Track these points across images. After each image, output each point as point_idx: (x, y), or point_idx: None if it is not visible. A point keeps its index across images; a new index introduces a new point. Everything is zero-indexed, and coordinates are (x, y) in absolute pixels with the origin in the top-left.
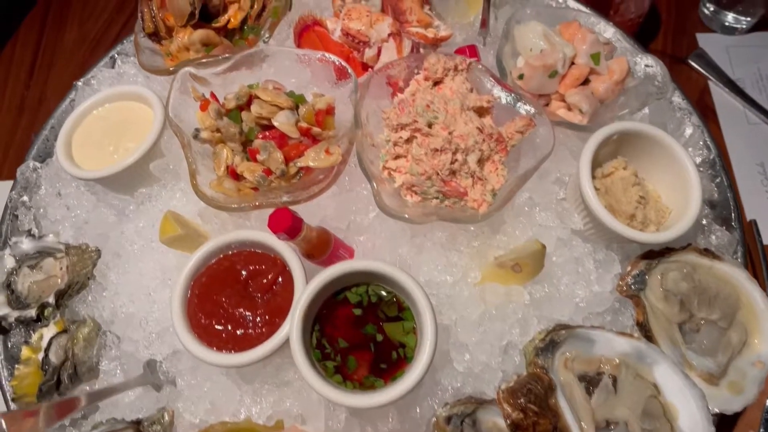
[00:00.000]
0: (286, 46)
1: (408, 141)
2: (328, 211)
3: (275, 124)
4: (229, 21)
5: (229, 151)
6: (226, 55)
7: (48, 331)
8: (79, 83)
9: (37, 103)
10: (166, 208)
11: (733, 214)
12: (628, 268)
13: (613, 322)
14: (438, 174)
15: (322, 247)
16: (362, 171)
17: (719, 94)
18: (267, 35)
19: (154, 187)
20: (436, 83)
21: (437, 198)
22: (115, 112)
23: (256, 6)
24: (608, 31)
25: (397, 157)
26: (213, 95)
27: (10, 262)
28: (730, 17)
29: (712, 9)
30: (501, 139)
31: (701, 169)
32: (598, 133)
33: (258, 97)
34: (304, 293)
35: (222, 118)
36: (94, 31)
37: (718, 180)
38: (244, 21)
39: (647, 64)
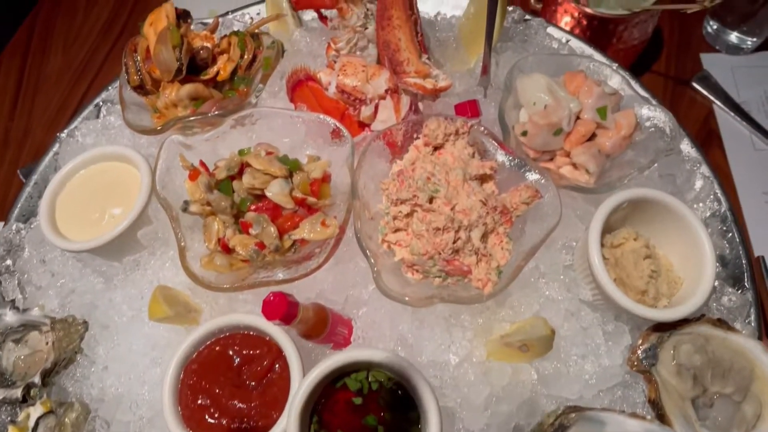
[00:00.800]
0: (279, 98)
1: (408, 215)
2: (325, 285)
3: (268, 195)
4: (218, 73)
5: (220, 223)
6: (216, 112)
7: (35, 411)
8: (63, 135)
9: (23, 135)
10: (155, 279)
11: (745, 274)
12: (639, 341)
13: (624, 398)
14: (440, 254)
15: (320, 327)
16: (360, 248)
17: (724, 118)
18: (260, 87)
19: (143, 253)
20: (437, 148)
21: (439, 277)
22: (100, 174)
23: (246, 56)
24: (614, 78)
25: (397, 230)
26: (202, 164)
27: None
28: (734, 37)
29: (716, 27)
30: (506, 211)
31: (710, 223)
32: (607, 203)
33: (250, 165)
34: (300, 388)
35: (212, 192)
36: (79, 58)
37: (729, 235)
38: (234, 72)
39: (655, 116)
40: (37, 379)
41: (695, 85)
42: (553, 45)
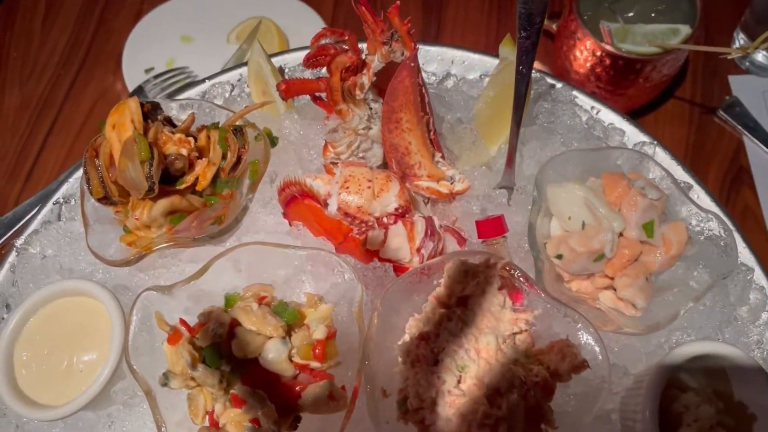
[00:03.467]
0: (270, 207)
1: (433, 395)
2: None
3: (263, 363)
4: (197, 180)
5: (207, 396)
6: (195, 237)
7: None
8: (19, 243)
9: None
10: None
11: None
12: None
13: None
14: None
15: None
16: None
17: (755, 151)
18: (249, 198)
19: (119, 407)
20: (461, 298)
21: None
22: (63, 314)
23: (230, 157)
24: (654, 171)
25: (419, 409)
26: (183, 322)
27: None
28: (764, 57)
29: (743, 44)
30: (548, 381)
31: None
32: (665, 363)
33: (239, 323)
34: None
35: (197, 368)
36: (38, 93)
37: None
38: (216, 176)
39: (708, 225)
40: None
41: (723, 114)
42: (583, 120)
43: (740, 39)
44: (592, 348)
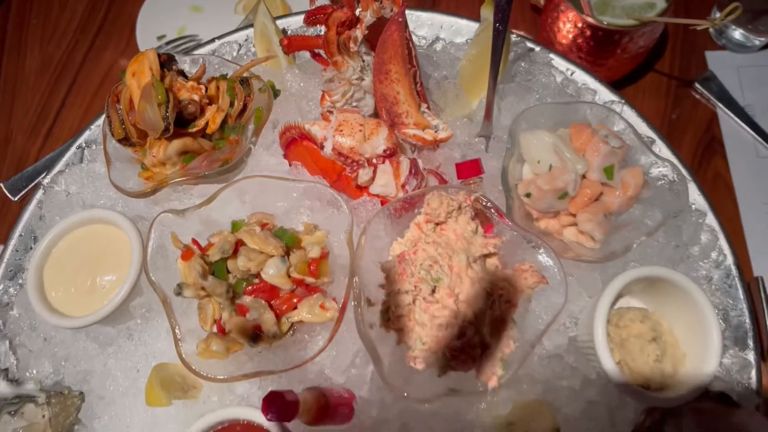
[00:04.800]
0: (272, 151)
1: (410, 302)
2: (325, 365)
3: (264, 277)
4: (207, 124)
5: (215, 305)
6: (206, 172)
7: None
8: (45, 182)
9: (3, 144)
10: (149, 352)
11: (748, 334)
12: (642, 418)
13: None
14: (444, 349)
15: (321, 416)
16: (362, 340)
17: (728, 122)
18: (253, 140)
19: (136, 321)
20: (438, 224)
21: (443, 368)
22: (87, 239)
23: (236, 104)
24: (619, 124)
25: (400, 316)
26: (195, 242)
27: None
28: (740, 34)
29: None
30: (511, 295)
31: (714, 275)
32: (615, 284)
33: (244, 243)
34: None
35: (207, 278)
36: (57, 56)
37: (733, 291)
38: (224, 121)
39: (663, 171)
40: None
41: (699, 86)
42: (558, 80)
43: (716, 15)
44: (551, 268)
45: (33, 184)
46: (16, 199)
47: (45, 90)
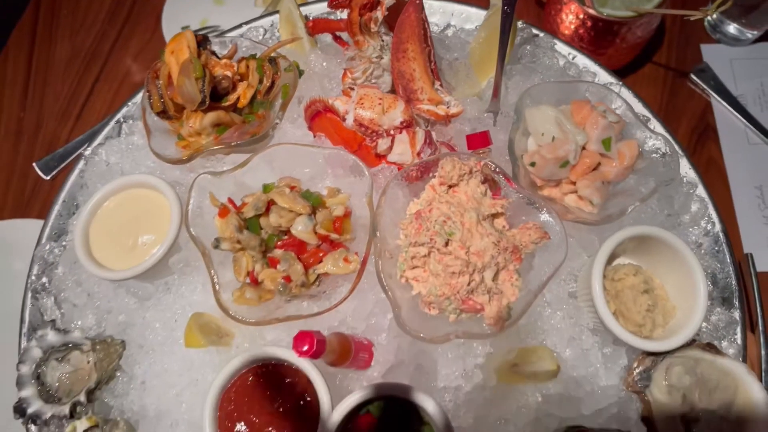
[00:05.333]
0: (298, 125)
1: (426, 255)
2: (347, 313)
3: (293, 233)
4: (238, 99)
5: (249, 258)
6: (238, 142)
7: (81, 425)
8: (87, 152)
9: (35, 127)
10: (186, 303)
11: (734, 294)
12: (635, 364)
13: (619, 415)
14: (456, 295)
15: (344, 356)
16: (381, 287)
17: (721, 111)
18: (280, 114)
19: (174, 276)
20: (451, 186)
21: (455, 314)
22: (130, 202)
23: (265, 81)
24: (617, 102)
25: (415, 267)
26: (230, 201)
27: (37, 354)
28: (734, 28)
29: (716, 17)
30: (516, 249)
31: (704, 242)
32: (611, 241)
33: (275, 203)
34: (333, 416)
35: (242, 232)
36: (86, 45)
37: (721, 256)
38: (253, 97)
39: (657, 143)
40: (83, 398)
41: (694, 77)
42: (560, 63)
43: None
44: (553, 226)
45: (64, 164)
46: (48, 177)
47: (74, 78)
